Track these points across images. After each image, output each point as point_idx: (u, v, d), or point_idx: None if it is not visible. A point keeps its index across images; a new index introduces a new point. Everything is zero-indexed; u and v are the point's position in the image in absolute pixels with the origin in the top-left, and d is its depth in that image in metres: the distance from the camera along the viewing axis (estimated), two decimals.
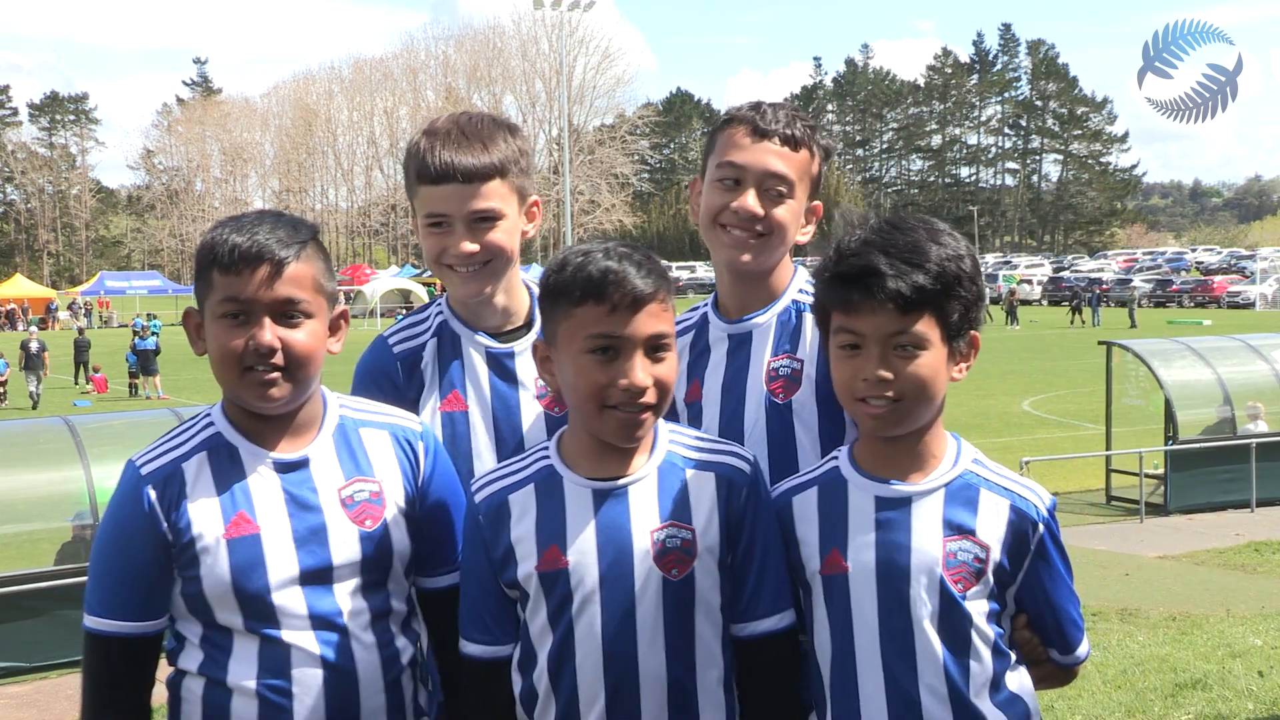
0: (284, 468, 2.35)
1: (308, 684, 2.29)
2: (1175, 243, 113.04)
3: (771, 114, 2.66)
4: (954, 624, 2.24)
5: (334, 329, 2.41)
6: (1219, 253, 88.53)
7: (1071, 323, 50.85)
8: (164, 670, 2.42)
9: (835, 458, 2.40)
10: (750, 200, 2.63)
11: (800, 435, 2.63)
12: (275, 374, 2.28)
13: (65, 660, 9.38)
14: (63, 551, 10.11)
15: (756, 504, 2.35)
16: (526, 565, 2.30)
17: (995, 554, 2.25)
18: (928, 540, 2.25)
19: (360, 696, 2.33)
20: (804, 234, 2.75)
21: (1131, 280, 67.00)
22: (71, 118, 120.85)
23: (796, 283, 2.75)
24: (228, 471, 2.33)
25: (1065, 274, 71.51)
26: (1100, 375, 16.71)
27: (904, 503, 2.28)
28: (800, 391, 2.63)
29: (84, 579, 8.76)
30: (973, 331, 2.30)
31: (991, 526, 2.26)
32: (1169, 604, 10.14)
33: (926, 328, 2.22)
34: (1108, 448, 15.63)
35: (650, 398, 2.25)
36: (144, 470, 2.34)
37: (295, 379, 2.30)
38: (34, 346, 29.97)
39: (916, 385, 2.22)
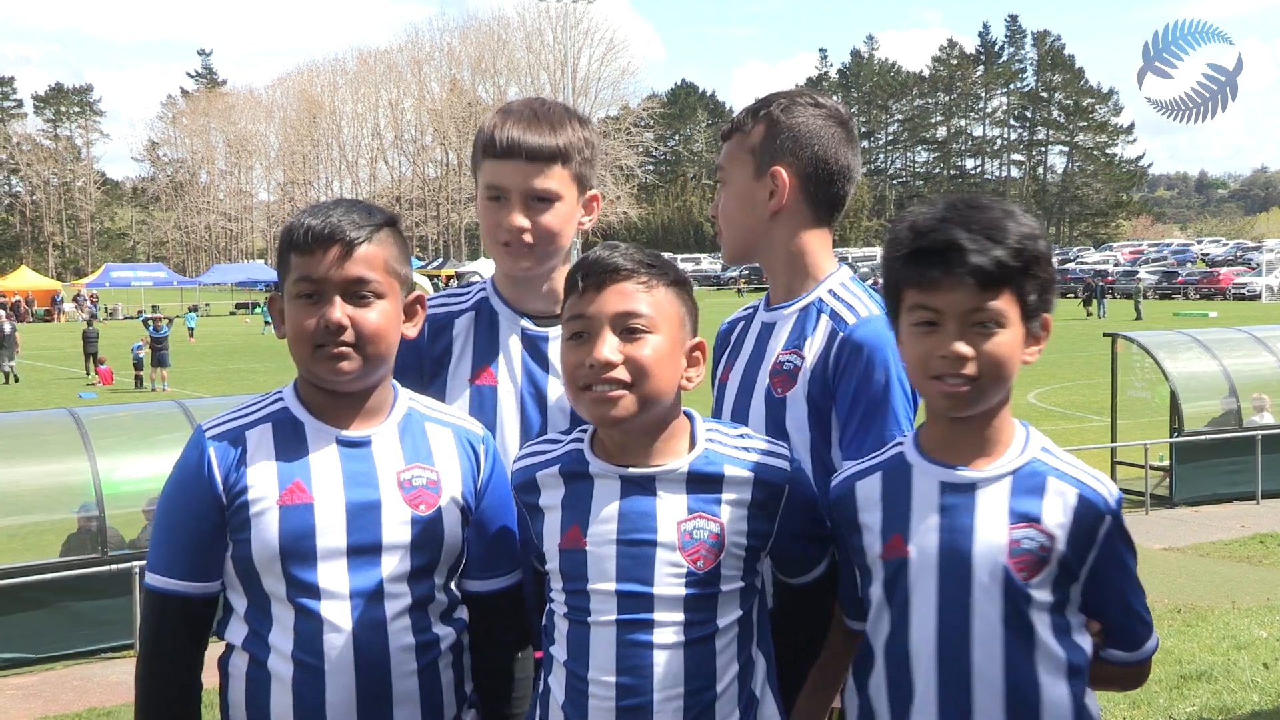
0: (346, 445, 2.40)
1: (340, 661, 2.32)
2: (1181, 234, 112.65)
3: (769, 95, 2.74)
4: (1018, 613, 2.20)
5: (409, 314, 2.48)
6: (1225, 244, 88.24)
7: (1087, 315, 50.69)
8: (217, 650, 2.46)
9: (900, 443, 2.36)
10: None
11: (791, 432, 2.61)
12: (346, 348, 2.34)
13: (71, 651, 9.42)
14: (68, 543, 10.13)
15: (795, 498, 2.36)
16: (551, 541, 2.34)
17: (1060, 543, 2.21)
18: (992, 527, 2.21)
19: (391, 679, 2.36)
20: (771, 206, 2.69)
21: (1137, 272, 66.78)
22: (76, 109, 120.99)
23: (830, 281, 2.71)
24: (290, 443, 2.39)
25: (1070, 265, 71.27)
26: (1105, 367, 16.69)
27: (969, 489, 2.24)
28: (794, 389, 2.62)
29: (88, 570, 8.79)
30: (1045, 314, 2.26)
31: (1057, 515, 2.22)
32: (1174, 596, 10.13)
33: (1005, 305, 2.18)
34: (1113, 440, 15.63)
35: (621, 374, 2.25)
36: (209, 434, 2.40)
37: (366, 355, 2.36)
38: (6, 328, 32.43)
39: (994, 364, 2.19)
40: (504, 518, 2.54)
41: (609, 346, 2.25)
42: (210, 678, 2.42)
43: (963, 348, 2.18)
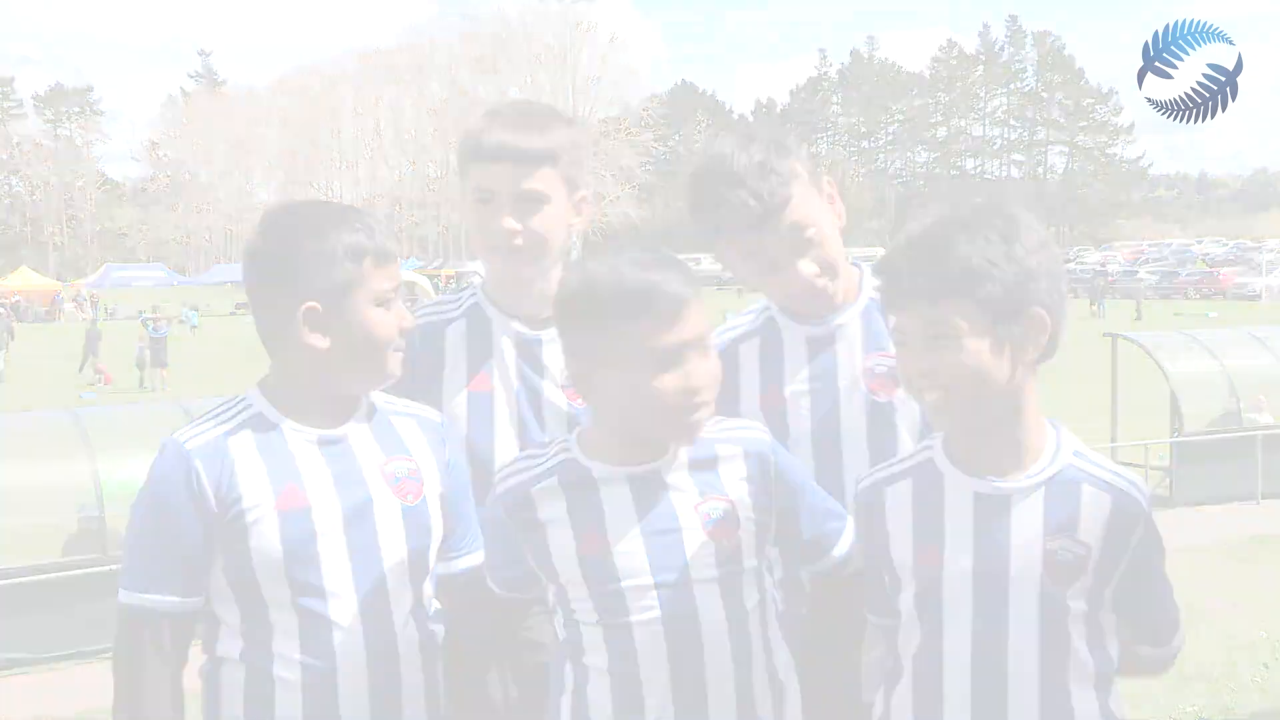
0: (325, 443, 2.40)
1: (352, 661, 2.32)
2: (1182, 234, 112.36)
3: (743, 161, 2.57)
4: (1054, 624, 2.20)
5: None
6: (1226, 244, 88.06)
7: (1093, 314, 50.54)
8: (197, 660, 2.42)
9: (929, 447, 2.35)
10: (805, 269, 2.61)
11: (903, 433, 2.62)
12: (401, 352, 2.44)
13: (71, 652, 9.40)
14: (68, 543, 10.12)
15: (782, 467, 2.40)
16: (564, 551, 2.30)
17: (1095, 552, 2.21)
18: (1028, 541, 2.20)
19: (402, 674, 2.37)
20: (838, 218, 2.73)
21: (1137, 272, 66.76)
22: (76, 109, 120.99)
23: (869, 280, 2.72)
24: (273, 446, 2.36)
25: (1070, 265, 71.20)
26: (1105, 367, 16.68)
27: (1003, 502, 2.23)
28: (900, 389, 2.57)
29: (88, 570, 8.69)
30: (1034, 309, 2.20)
31: (1092, 524, 2.21)
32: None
33: (957, 314, 2.16)
34: (1112, 440, 15.61)
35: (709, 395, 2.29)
36: (188, 445, 2.34)
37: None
38: None
39: (958, 372, 2.17)
40: (466, 494, 2.56)
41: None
42: (189, 683, 2.38)
43: (923, 363, 2.20)
